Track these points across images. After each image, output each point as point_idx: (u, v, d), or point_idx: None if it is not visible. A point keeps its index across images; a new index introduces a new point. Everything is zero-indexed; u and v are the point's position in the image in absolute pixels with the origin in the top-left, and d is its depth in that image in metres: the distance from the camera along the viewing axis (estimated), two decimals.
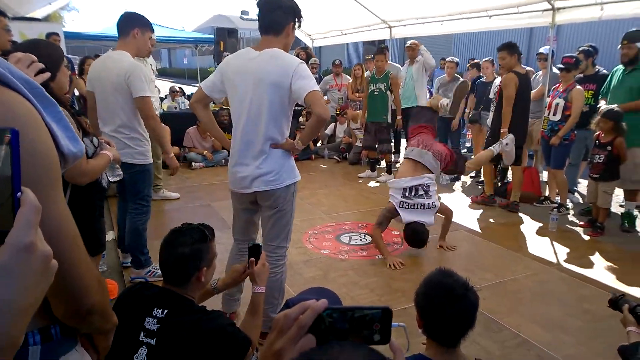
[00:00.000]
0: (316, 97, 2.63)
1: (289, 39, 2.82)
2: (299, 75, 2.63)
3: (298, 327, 0.69)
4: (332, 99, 9.58)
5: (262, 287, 2.24)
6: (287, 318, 0.70)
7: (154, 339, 1.81)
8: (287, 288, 3.76)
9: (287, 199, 2.88)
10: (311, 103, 2.63)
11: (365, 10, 8.93)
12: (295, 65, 2.65)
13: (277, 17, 2.73)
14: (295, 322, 0.69)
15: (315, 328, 0.69)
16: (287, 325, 0.70)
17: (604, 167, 5.06)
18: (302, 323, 0.68)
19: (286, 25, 2.76)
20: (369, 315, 0.71)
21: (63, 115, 0.91)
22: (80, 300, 0.93)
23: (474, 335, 3.09)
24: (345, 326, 0.70)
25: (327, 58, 21.46)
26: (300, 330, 0.68)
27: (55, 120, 0.88)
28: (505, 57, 5.84)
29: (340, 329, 0.70)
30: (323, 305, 0.70)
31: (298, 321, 0.69)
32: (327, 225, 5.45)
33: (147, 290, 1.99)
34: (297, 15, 2.80)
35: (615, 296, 2.13)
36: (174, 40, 16.86)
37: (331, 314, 0.70)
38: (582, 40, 12.56)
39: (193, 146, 8.45)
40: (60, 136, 0.88)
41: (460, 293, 1.73)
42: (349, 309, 0.71)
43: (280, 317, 0.71)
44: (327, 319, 0.70)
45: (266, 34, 2.76)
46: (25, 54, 1.77)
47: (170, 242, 1.97)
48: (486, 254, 4.66)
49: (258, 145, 2.76)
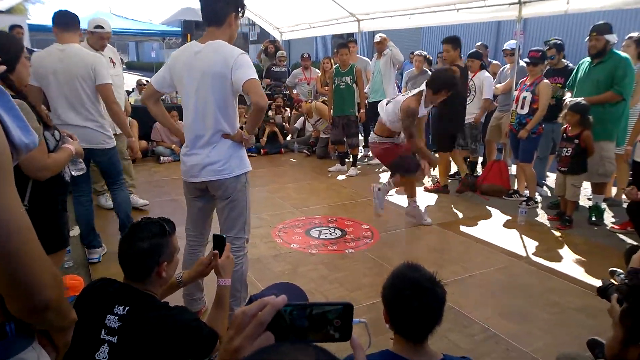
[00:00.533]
0: (253, 85, 2.67)
1: (232, 29, 2.84)
2: (237, 65, 2.68)
3: (256, 324, 0.67)
4: (301, 93, 9.50)
5: (228, 280, 2.20)
6: (245, 315, 0.68)
7: (116, 336, 1.75)
8: (256, 282, 3.74)
9: (238, 189, 2.90)
10: (248, 91, 2.67)
11: (333, 3, 8.86)
12: (235, 56, 2.68)
13: (218, 8, 2.75)
14: (254, 319, 0.67)
15: (275, 325, 0.67)
16: (245, 322, 0.68)
17: (571, 160, 5.09)
18: (261, 320, 0.67)
19: (227, 15, 2.77)
20: (330, 312, 0.70)
21: (14, 105, 0.91)
22: (34, 297, 0.92)
23: (443, 330, 3.07)
24: (305, 323, 0.69)
25: (296, 51, 21.41)
26: (259, 328, 0.67)
27: (5, 109, 0.89)
28: (449, 50, 6.21)
29: (300, 326, 0.68)
30: (282, 301, 0.68)
31: (256, 318, 0.67)
32: (296, 220, 5.37)
33: (109, 286, 1.92)
34: (239, 5, 2.81)
35: (604, 285, 2.04)
36: (140, 33, 16.60)
37: (291, 310, 0.68)
38: (549, 34, 12.73)
39: (161, 140, 8.30)
40: (11, 126, 0.89)
41: (427, 286, 1.69)
42: (308, 305, 0.70)
43: (239, 313, 0.69)
44: (287, 315, 0.68)
45: (209, 25, 2.79)
46: None
47: (129, 237, 1.92)
48: (455, 248, 4.66)
49: (206, 136, 2.81)
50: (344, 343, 0.72)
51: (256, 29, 28.25)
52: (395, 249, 4.65)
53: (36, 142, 0.96)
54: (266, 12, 11.22)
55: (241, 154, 2.92)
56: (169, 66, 2.90)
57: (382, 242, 4.76)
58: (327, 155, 8.65)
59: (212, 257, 2.23)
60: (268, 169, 7.83)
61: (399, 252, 4.54)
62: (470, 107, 6.68)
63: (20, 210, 0.89)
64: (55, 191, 2.46)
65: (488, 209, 5.86)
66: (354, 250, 4.52)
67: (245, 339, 0.66)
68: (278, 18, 11.28)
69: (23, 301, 0.92)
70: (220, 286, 2.19)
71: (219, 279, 2.19)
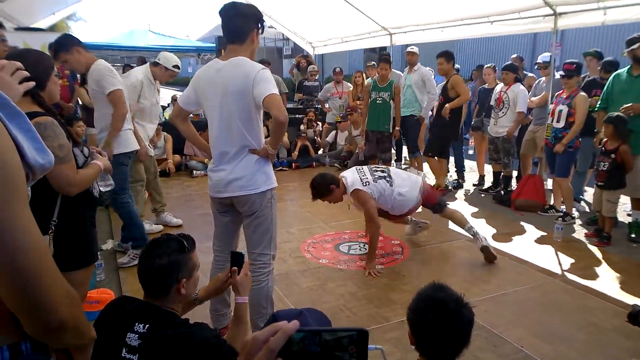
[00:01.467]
0: (273, 100, 2.66)
1: (255, 45, 2.86)
2: (258, 80, 2.66)
3: (267, 351, 0.66)
4: (333, 107, 9.54)
5: (245, 297, 2.19)
6: (256, 341, 0.67)
7: (137, 354, 1.75)
8: (283, 298, 3.73)
9: (264, 205, 2.90)
10: (268, 106, 2.67)
11: (365, 17, 8.87)
12: (255, 71, 2.69)
13: (239, 25, 2.76)
14: (265, 345, 0.66)
15: (286, 351, 0.66)
16: (256, 349, 0.67)
17: (607, 175, 4.94)
18: (272, 347, 0.66)
19: (250, 32, 2.79)
20: (344, 338, 0.68)
21: (31, 127, 0.92)
22: (47, 316, 0.92)
23: (474, 350, 2.99)
24: (317, 349, 0.67)
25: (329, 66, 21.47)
26: (269, 355, 0.65)
27: (22, 131, 0.90)
28: (442, 63, 6.76)
29: (312, 352, 0.67)
30: (294, 327, 0.66)
31: (267, 345, 0.66)
32: (326, 234, 5.36)
33: (129, 304, 1.93)
34: (259, 21, 2.83)
35: (635, 310, 2.00)
36: (177, 49, 16.95)
37: (302, 337, 0.67)
38: (587, 46, 12.46)
39: (194, 154, 8.42)
40: (26, 147, 0.90)
41: (453, 308, 1.64)
42: (321, 330, 0.68)
43: (250, 339, 0.69)
44: (298, 342, 0.66)
45: (231, 43, 2.81)
46: (10, 61, 1.77)
47: (147, 254, 1.92)
48: (487, 265, 4.54)
49: (232, 152, 2.83)
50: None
51: (290, 44, 28.58)
52: (426, 265, 4.57)
53: (52, 162, 0.96)
54: (300, 28, 11.33)
55: (267, 169, 2.91)
56: (193, 84, 2.94)
57: (412, 258, 4.70)
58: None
59: (228, 274, 2.21)
60: (299, 182, 7.84)
61: (429, 269, 4.46)
62: (503, 120, 6.59)
63: (33, 230, 0.90)
64: (83, 207, 2.49)
65: (522, 225, 5.72)
66: (383, 266, 4.46)
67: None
68: (311, 33, 11.37)
69: (36, 321, 0.92)
70: (239, 304, 2.18)
71: (236, 296, 2.18)
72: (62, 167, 2.18)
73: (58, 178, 2.19)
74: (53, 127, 2.15)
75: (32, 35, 8.36)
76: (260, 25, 2.83)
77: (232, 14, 2.73)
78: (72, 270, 2.32)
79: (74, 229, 2.38)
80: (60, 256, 1.10)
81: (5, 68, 1.70)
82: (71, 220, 2.35)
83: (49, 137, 2.11)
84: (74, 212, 2.36)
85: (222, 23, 2.79)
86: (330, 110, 9.60)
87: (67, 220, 2.33)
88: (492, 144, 6.97)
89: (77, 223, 2.41)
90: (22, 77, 1.75)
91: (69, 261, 2.26)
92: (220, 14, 2.77)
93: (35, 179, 0.95)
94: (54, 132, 2.14)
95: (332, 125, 9.60)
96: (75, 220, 2.39)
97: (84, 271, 2.48)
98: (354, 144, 8.85)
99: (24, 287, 0.87)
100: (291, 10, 10.32)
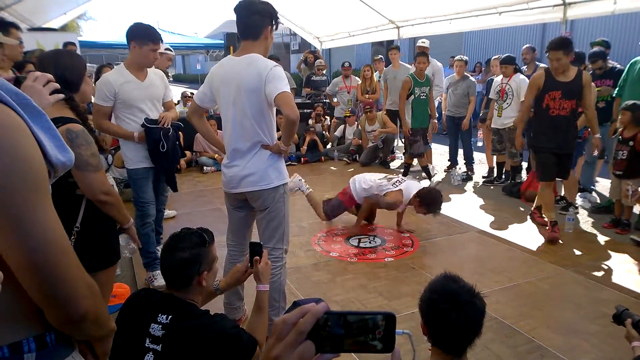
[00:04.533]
0: (284, 98, 2.66)
1: (269, 42, 2.88)
2: (270, 78, 2.67)
3: (296, 332, 0.66)
4: (342, 101, 9.52)
5: (267, 285, 2.25)
6: (285, 323, 0.67)
7: (160, 345, 1.82)
8: (295, 291, 3.74)
9: (277, 200, 2.92)
10: (280, 104, 2.66)
11: (372, 11, 8.86)
12: (268, 69, 2.69)
13: (254, 22, 2.77)
14: (294, 327, 0.66)
15: (315, 333, 0.66)
16: (286, 331, 0.67)
17: (627, 163, 4.91)
18: (300, 329, 0.66)
19: (264, 29, 2.80)
20: (370, 321, 0.68)
21: (52, 125, 0.96)
22: (70, 308, 0.95)
23: (485, 341, 3.00)
24: (341, 331, 0.67)
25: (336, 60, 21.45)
26: (299, 336, 0.65)
27: (43, 129, 0.93)
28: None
29: (336, 334, 0.67)
30: (322, 309, 0.67)
31: (296, 327, 0.66)
32: (336, 228, 5.36)
33: (151, 296, 1.99)
34: (273, 18, 2.84)
35: (618, 311, 2.05)
36: (186, 47, 17.14)
37: (326, 319, 0.67)
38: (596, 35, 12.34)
39: (204, 150, 8.47)
40: (48, 145, 0.93)
41: (466, 299, 1.64)
42: (346, 313, 0.68)
43: (279, 322, 0.68)
44: (323, 323, 0.67)
45: (245, 39, 2.81)
46: (43, 73, 1.78)
47: (170, 248, 1.97)
48: (498, 256, 4.53)
49: (245, 148, 2.85)
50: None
51: (297, 39, 28.54)
52: (436, 257, 4.57)
53: (72, 160, 0.99)
54: (307, 23, 11.32)
55: (279, 165, 2.93)
56: (208, 81, 2.96)
57: (422, 250, 4.70)
58: (371, 163, 8.65)
59: (247, 265, 2.26)
60: (308, 177, 7.82)
61: (439, 261, 4.46)
62: (508, 111, 6.55)
63: (56, 225, 0.93)
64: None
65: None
66: (393, 259, 4.47)
67: (285, 347, 0.66)
68: (318, 27, 11.37)
69: (60, 313, 0.95)
70: (260, 291, 2.23)
71: (258, 284, 2.23)
72: (96, 174, 2.18)
73: (92, 186, 2.19)
74: (84, 135, 2.13)
75: (44, 35, 8.41)
76: (275, 22, 2.84)
77: (247, 10, 2.74)
78: (98, 271, 2.33)
79: (98, 230, 2.38)
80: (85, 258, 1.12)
81: (39, 79, 1.77)
82: (95, 221, 2.36)
83: (81, 146, 2.10)
84: (98, 213, 2.36)
85: (237, 19, 2.79)
86: (338, 104, 9.60)
87: (91, 222, 2.32)
88: (496, 134, 6.95)
89: (101, 224, 2.41)
90: (53, 89, 1.80)
91: (94, 262, 2.26)
92: (235, 11, 2.78)
93: (57, 176, 0.98)
94: (86, 141, 2.13)
95: (340, 120, 9.60)
96: (99, 222, 2.39)
97: (108, 270, 2.49)
98: (364, 139, 8.83)
99: (48, 280, 0.90)
100: (298, 5, 10.33)
